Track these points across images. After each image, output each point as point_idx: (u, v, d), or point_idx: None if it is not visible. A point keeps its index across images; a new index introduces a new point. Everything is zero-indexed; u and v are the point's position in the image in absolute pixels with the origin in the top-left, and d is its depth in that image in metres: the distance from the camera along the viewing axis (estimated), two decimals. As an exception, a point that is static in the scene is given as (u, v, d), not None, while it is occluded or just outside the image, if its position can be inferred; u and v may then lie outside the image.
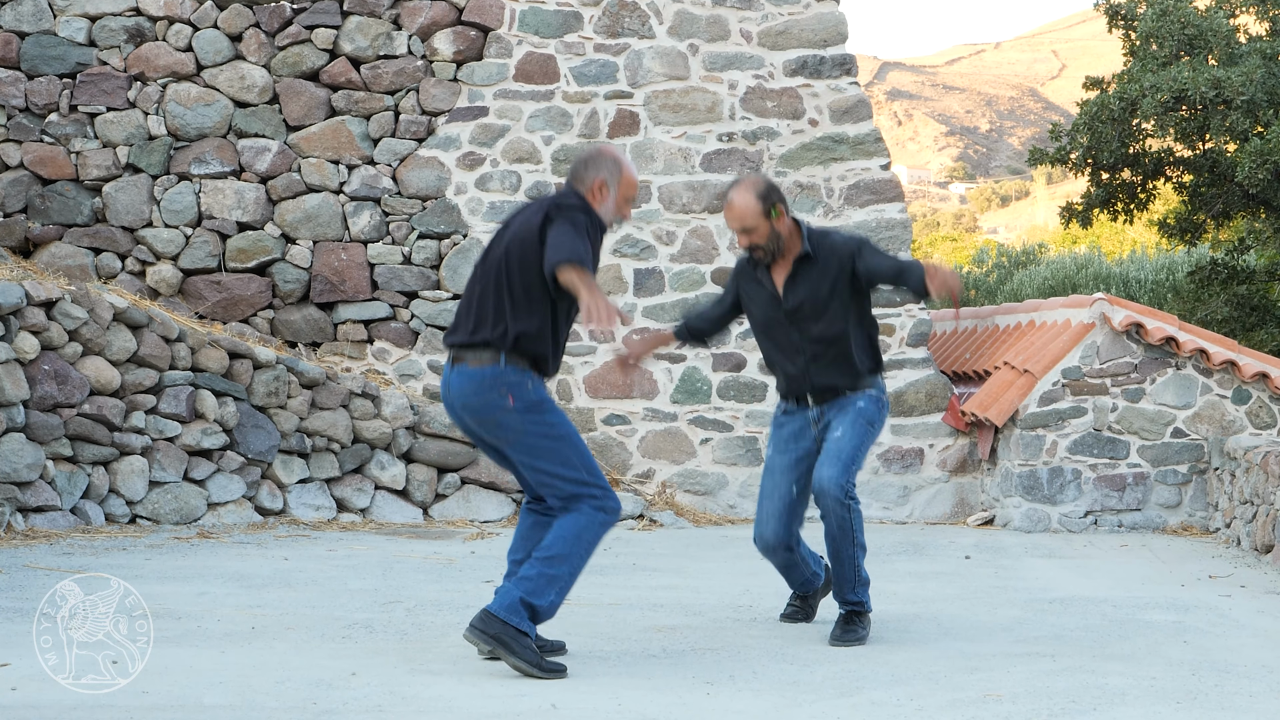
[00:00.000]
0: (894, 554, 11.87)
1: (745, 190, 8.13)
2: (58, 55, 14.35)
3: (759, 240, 8.15)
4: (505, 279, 7.11)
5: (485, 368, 7.07)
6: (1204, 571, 10.99)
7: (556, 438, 7.10)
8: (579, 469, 7.11)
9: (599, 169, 7.31)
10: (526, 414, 7.07)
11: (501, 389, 7.04)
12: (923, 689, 6.71)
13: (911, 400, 14.42)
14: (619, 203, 7.35)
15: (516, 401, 7.05)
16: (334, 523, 12.78)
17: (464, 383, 7.12)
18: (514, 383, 7.06)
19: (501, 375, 7.05)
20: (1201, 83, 18.27)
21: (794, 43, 14.66)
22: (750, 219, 8.10)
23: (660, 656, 7.39)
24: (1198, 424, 13.54)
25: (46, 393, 11.60)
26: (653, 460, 14.36)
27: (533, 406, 7.08)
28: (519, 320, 7.07)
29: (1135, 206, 21.16)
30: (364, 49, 14.45)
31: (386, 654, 7.24)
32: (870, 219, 14.53)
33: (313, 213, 14.37)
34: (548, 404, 7.14)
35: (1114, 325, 13.48)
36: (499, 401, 7.04)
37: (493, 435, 7.17)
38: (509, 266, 7.11)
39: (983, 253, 38.37)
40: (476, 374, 7.09)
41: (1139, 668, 7.28)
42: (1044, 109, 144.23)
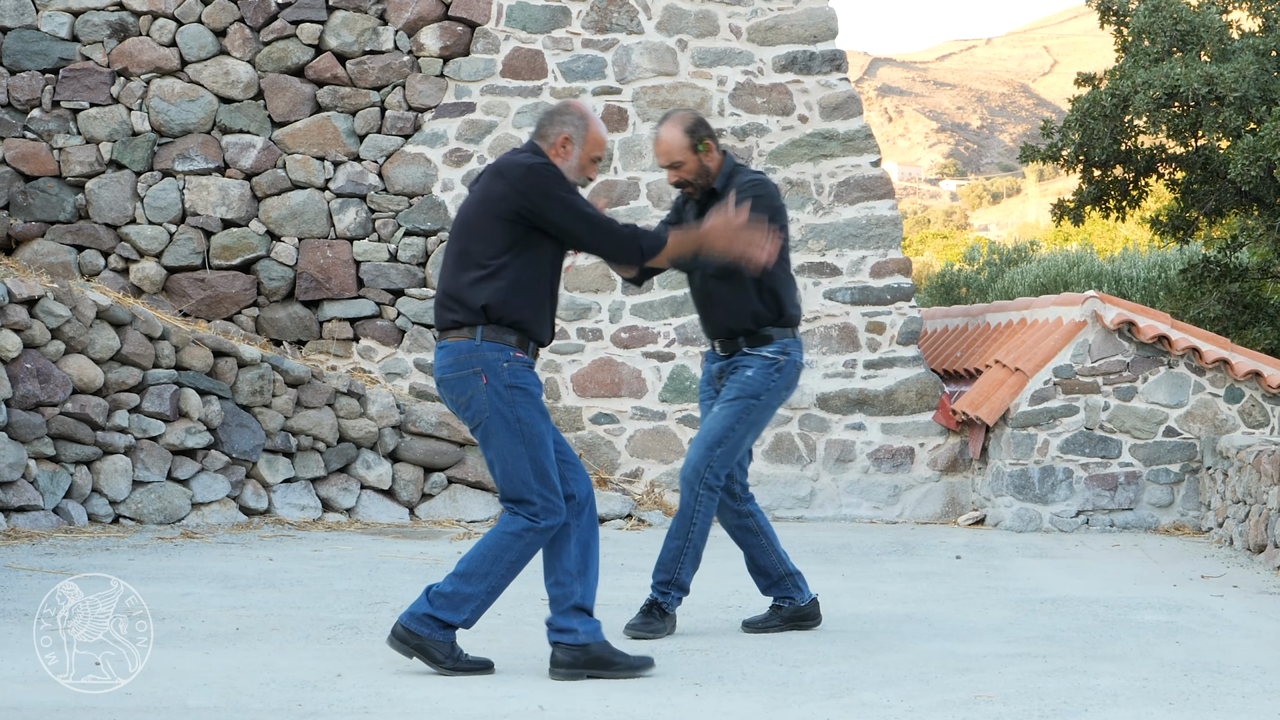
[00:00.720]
0: (884, 554, 11.88)
1: (673, 125, 8.08)
2: (40, 50, 14.32)
3: (687, 175, 8.11)
4: (461, 250, 6.97)
5: (462, 342, 6.91)
6: (1196, 571, 11.00)
7: (517, 434, 6.88)
8: (527, 474, 6.89)
9: (564, 124, 7.10)
10: (497, 397, 6.87)
11: (476, 367, 6.87)
12: (913, 690, 6.72)
13: (902, 399, 14.43)
14: (583, 162, 7.12)
15: (491, 380, 6.85)
16: (319, 523, 12.77)
17: (442, 356, 6.97)
18: (490, 360, 6.86)
19: (477, 351, 6.88)
20: (1194, 79, 18.28)
21: (784, 38, 14.66)
22: (677, 153, 8.05)
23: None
24: (1190, 423, 13.56)
25: (29, 391, 11.58)
26: (641, 459, 14.36)
27: (505, 391, 6.88)
28: (483, 290, 6.87)
29: (1127, 204, 21.16)
30: (350, 44, 14.44)
31: (372, 655, 7.24)
32: (860, 216, 14.54)
33: (298, 209, 14.36)
34: (524, 396, 6.90)
35: (1106, 323, 13.50)
36: (473, 381, 6.87)
37: (463, 415, 6.97)
38: (463, 235, 6.97)
39: (974, 250, 38.37)
40: (453, 348, 6.93)
41: (1131, 668, 7.28)
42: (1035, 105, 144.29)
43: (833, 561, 11.41)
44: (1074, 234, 41.28)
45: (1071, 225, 21.90)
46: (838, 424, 14.43)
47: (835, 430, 14.42)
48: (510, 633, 8.01)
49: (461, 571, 6.83)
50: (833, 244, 14.53)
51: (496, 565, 6.83)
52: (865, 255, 14.53)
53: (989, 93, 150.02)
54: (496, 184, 6.92)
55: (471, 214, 6.97)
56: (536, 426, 6.89)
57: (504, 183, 6.90)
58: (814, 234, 14.49)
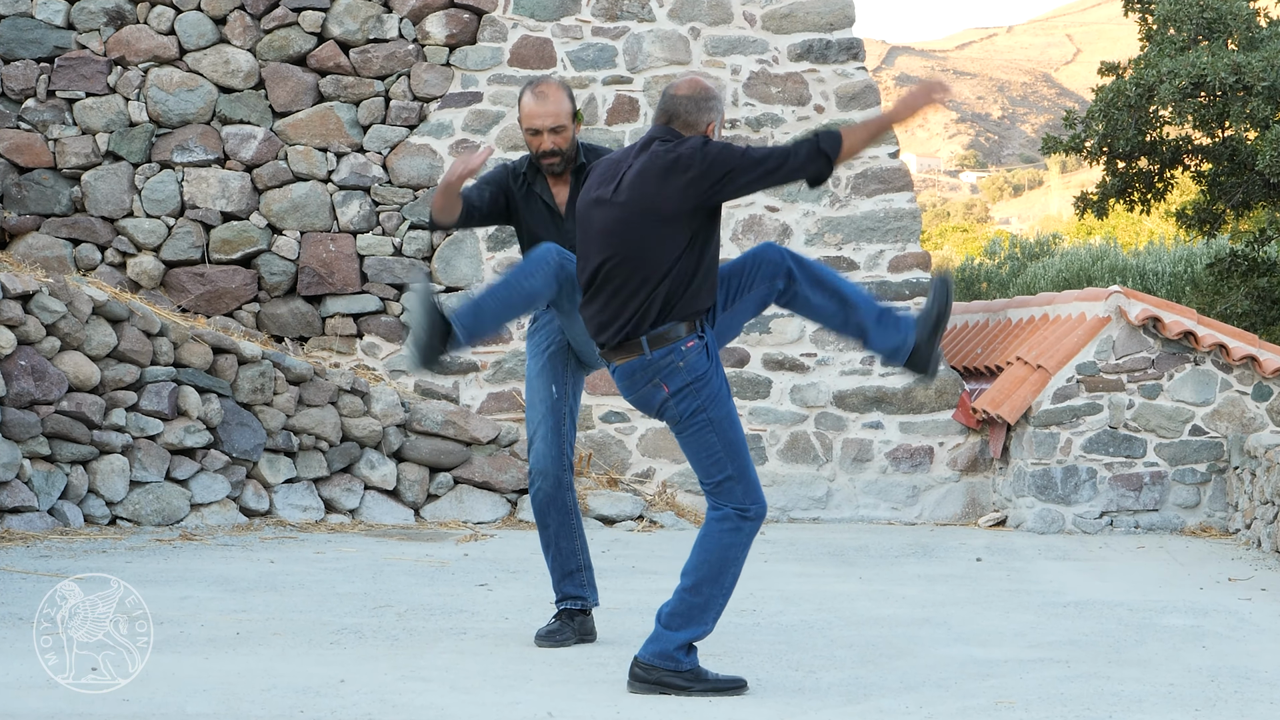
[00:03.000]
0: (902, 556, 11.88)
1: (556, 88, 7.68)
2: (35, 39, 14.34)
3: (562, 144, 7.71)
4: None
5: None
6: (1223, 574, 10.99)
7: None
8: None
9: (712, 111, 6.85)
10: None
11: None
12: (932, 696, 6.71)
13: (921, 397, 14.42)
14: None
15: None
16: (322, 524, 12.77)
17: None
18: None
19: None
20: (1221, 68, 18.25)
21: (799, 26, 14.66)
22: (565, 117, 7.66)
23: (660, 663, 7.37)
24: (1217, 421, 13.54)
25: (23, 389, 11.58)
26: (653, 459, 14.36)
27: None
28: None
29: (1152, 196, 21.12)
30: (353, 32, 14.44)
31: (376, 660, 7.24)
32: (878, 209, 14.53)
33: (300, 202, 14.36)
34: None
35: (1130, 319, 13.48)
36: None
37: None
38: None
39: (995, 244, 38.34)
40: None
41: (1156, 674, 7.28)
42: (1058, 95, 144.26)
43: (850, 564, 11.41)
44: (1097, 227, 41.24)
45: (1095, 218, 21.88)
46: (855, 423, 14.43)
47: (852, 429, 14.42)
48: (515, 638, 8.01)
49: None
50: (850, 237, 14.52)
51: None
52: (883, 249, 14.53)
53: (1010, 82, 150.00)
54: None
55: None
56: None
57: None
58: (830, 227, 14.49)
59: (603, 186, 6.79)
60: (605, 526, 13.35)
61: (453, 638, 7.91)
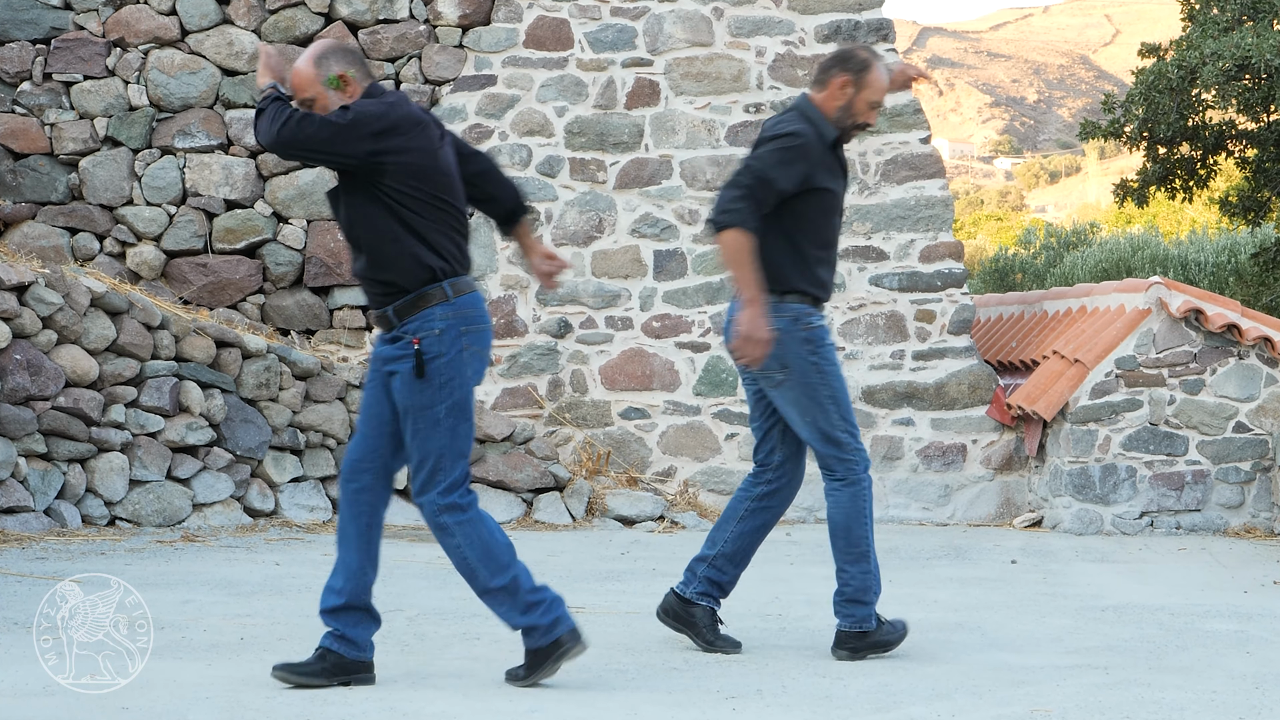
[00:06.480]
0: (935, 558, 11.87)
1: (305, 55, 7.01)
2: (31, 19, 14.36)
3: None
4: None
5: None
6: (1268, 577, 10.97)
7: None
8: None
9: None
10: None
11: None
12: (965, 704, 6.71)
13: (953, 392, 14.40)
14: (860, 107, 7.86)
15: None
16: (329, 525, 12.78)
17: None
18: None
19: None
20: (1266, 49, 18.22)
21: (827, 6, 14.64)
22: (307, 87, 6.95)
23: (682, 669, 7.38)
24: (1262, 418, 13.52)
25: (19, 384, 11.60)
26: (674, 457, 14.36)
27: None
28: None
29: (1195, 183, 21.11)
30: (362, 13, 14.45)
31: (386, 667, 7.24)
32: (909, 196, 14.51)
33: (307, 190, 14.38)
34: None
35: (1172, 311, 13.46)
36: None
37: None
38: None
39: (1030, 233, 38.34)
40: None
41: (1198, 681, 7.27)
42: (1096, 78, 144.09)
43: (879, 566, 11.39)
44: (1137, 216, 41.21)
45: (1135, 206, 21.87)
46: (884, 419, 14.42)
47: (882, 426, 14.41)
48: (516, 641, 8.00)
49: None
50: (879, 226, 14.51)
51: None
52: (914, 238, 14.51)
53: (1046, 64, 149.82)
54: None
55: None
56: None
57: None
58: (859, 215, 14.47)
59: None
60: (624, 527, 13.35)
61: (465, 644, 7.91)
